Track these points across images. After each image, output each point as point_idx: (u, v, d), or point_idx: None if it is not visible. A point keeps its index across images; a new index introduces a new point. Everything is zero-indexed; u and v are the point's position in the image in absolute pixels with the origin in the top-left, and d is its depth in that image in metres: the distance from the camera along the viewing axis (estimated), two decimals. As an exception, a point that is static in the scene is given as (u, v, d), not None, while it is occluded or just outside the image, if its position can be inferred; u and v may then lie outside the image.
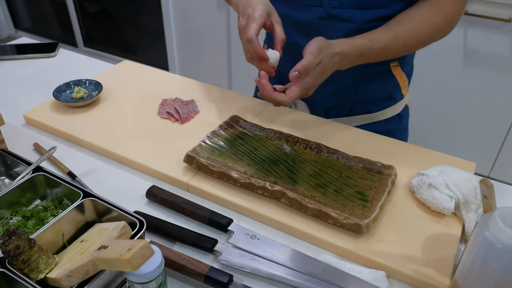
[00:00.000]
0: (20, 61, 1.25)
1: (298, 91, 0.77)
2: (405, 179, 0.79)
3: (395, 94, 1.00)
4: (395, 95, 1.01)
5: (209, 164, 0.78)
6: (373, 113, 1.01)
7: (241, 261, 0.65)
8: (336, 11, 0.87)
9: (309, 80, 0.77)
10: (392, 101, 1.01)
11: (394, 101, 1.01)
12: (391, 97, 1.00)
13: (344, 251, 0.67)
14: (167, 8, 2.66)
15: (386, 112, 1.01)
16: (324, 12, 0.88)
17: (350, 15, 0.86)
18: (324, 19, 0.88)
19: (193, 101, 1.01)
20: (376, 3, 0.85)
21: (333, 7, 0.86)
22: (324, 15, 0.88)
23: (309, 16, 0.89)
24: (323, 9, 0.87)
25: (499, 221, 0.50)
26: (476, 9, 1.76)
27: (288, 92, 0.78)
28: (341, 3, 0.86)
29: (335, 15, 0.87)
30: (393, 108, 1.02)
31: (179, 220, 0.74)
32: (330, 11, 0.87)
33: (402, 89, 1.01)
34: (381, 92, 0.98)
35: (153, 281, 0.54)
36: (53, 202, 0.71)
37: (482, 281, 0.54)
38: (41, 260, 0.56)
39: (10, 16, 3.74)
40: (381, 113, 1.01)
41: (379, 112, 1.01)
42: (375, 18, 0.86)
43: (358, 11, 0.86)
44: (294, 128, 0.93)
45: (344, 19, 0.87)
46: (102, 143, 0.88)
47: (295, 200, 0.71)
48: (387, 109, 1.01)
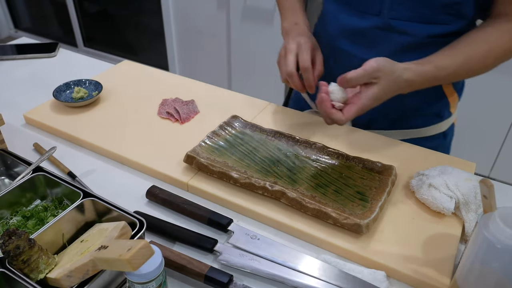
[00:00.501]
0: (20, 61, 1.25)
1: (355, 111, 0.73)
2: (405, 179, 0.79)
3: (443, 111, 0.96)
4: (443, 112, 0.96)
5: (209, 164, 0.78)
6: (418, 129, 0.96)
7: (241, 261, 0.65)
8: (395, 22, 0.82)
9: (367, 102, 0.73)
10: (439, 119, 0.96)
11: (441, 119, 0.96)
12: (439, 114, 0.96)
13: (344, 251, 0.67)
14: (167, 8, 2.66)
15: (431, 129, 0.97)
16: (381, 22, 0.83)
17: (409, 28, 0.82)
18: (381, 29, 0.84)
19: (193, 101, 1.01)
20: (440, 19, 0.80)
21: (392, 17, 0.82)
22: (381, 25, 0.83)
23: (365, 24, 0.85)
24: (381, 18, 0.83)
25: (499, 221, 0.50)
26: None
27: (346, 111, 0.74)
28: (401, 14, 0.81)
29: (393, 27, 0.83)
30: (439, 125, 0.97)
31: (179, 220, 0.74)
32: (388, 22, 0.82)
33: (451, 107, 0.96)
34: (429, 108, 0.94)
35: (153, 281, 0.54)
36: (53, 202, 0.71)
37: (482, 281, 0.54)
38: (41, 260, 0.56)
39: (10, 16, 3.74)
40: (426, 129, 0.96)
41: (424, 128, 0.96)
42: (436, 34, 0.82)
43: (419, 25, 0.81)
44: (294, 128, 0.92)
45: (401, 31, 0.83)
46: (102, 143, 0.88)
47: (295, 200, 0.71)
48: (433, 126, 0.96)
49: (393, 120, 0.96)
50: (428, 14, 0.80)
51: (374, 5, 0.83)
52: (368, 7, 0.84)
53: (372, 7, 0.83)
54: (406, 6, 0.80)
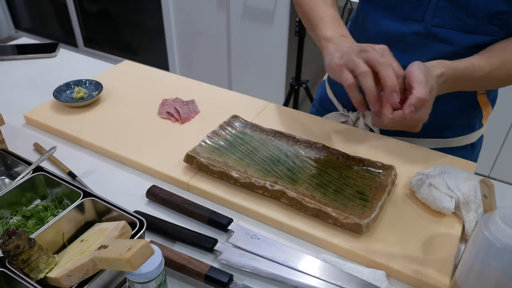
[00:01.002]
0: (20, 61, 1.25)
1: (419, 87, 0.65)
2: (405, 179, 0.79)
3: (474, 122, 0.93)
4: (475, 123, 0.93)
5: (209, 164, 0.78)
6: (446, 139, 0.93)
7: (241, 261, 0.65)
8: (437, 29, 0.80)
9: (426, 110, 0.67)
10: (470, 130, 0.93)
11: (472, 130, 0.94)
12: (470, 125, 0.93)
13: (344, 251, 0.67)
14: (167, 8, 2.66)
15: (460, 139, 0.93)
16: (423, 29, 0.81)
17: (450, 37, 0.79)
18: (421, 36, 0.81)
19: (193, 101, 1.01)
20: (484, 29, 0.78)
21: (435, 25, 0.80)
22: (422, 32, 0.81)
23: (405, 29, 0.82)
24: (423, 25, 0.81)
25: (499, 221, 0.50)
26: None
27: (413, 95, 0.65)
28: (445, 22, 0.79)
29: (434, 34, 0.80)
30: (468, 136, 0.94)
31: (179, 220, 0.74)
32: (430, 29, 0.80)
33: (484, 118, 0.94)
34: (461, 119, 0.91)
35: (153, 280, 0.54)
36: (53, 202, 0.71)
37: (482, 281, 0.54)
38: (41, 260, 0.56)
39: (10, 16, 3.74)
40: (455, 140, 0.93)
41: (453, 138, 0.93)
42: (477, 44, 0.79)
43: (461, 34, 0.79)
44: (294, 128, 0.93)
45: (443, 39, 0.80)
46: (102, 143, 0.88)
47: (295, 199, 0.71)
48: (463, 136, 0.93)
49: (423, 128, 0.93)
50: (473, 23, 0.78)
51: (418, 11, 0.81)
52: (411, 13, 0.81)
53: (415, 13, 0.81)
54: (451, 14, 0.78)
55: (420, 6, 0.80)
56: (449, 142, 0.93)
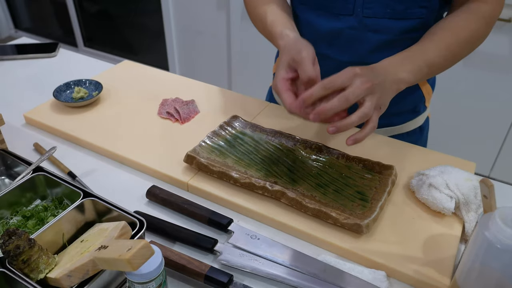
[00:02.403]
0: (20, 61, 1.25)
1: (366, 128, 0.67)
2: (405, 179, 0.79)
3: (419, 106, 0.97)
4: (419, 107, 0.98)
5: (209, 164, 0.78)
6: (396, 126, 0.97)
7: (241, 261, 0.65)
8: (369, 20, 0.82)
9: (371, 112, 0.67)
10: (416, 114, 0.98)
11: (418, 114, 0.98)
12: (416, 109, 0.97)
13: (344, 251, 0.67)
14: (167, 8, 2.66)
15: (409, 124, 0.98)
16: (356, 22, 0.83)
17: (383, 25, 0.82)
18: (355, 29, 0.84)
19: (193, 101, 1.01)
20: (412, 13, 0.81)
21: (366, 16, 0.82)
22: (355, 25, 0.83)
23: (339, 25, 0.85)
24: (355, 18, 0.83)
25: (499, 221, 0.50)
26: (476, 9, 1.76)
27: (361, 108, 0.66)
28: (374, 12, 0.82)
29: (367, 25, 0.83)
30: (415, 120, 0.99)
31: (179, 220, 0.74)
32: (362, 20, 0.83)
33: (426, 101, 0.98)
34: (406, 105, 0.95)
35: (153, 281, 0.54)
36: (53, 202, 0.71)
37: (482, 281, 0.54)
38: (41, 260, 0.56)
39: (10, 16, 3.74)
40: (404, 125, 0.98)
41: (402, 125, 0.98)
42: (408, 29, 0.82)
43: (392, 21, 0.82)
44: (294, 128, 0.92)
45: (376, 29, 0.83)
46: (102, 143, 0.88)
47: (295, 200, 0.71)
48: (410, 121, 0.98)
49: None
50: (401, 9, 0.80)
51: (347, 5, 0.82)
52: (341, 8, 0.83)
53: (345, 8, 0.83)
54: (379, 3, 0.80)
55: (349, 0, 0.82)
56: (399, 128, 0.97)
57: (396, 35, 0.83)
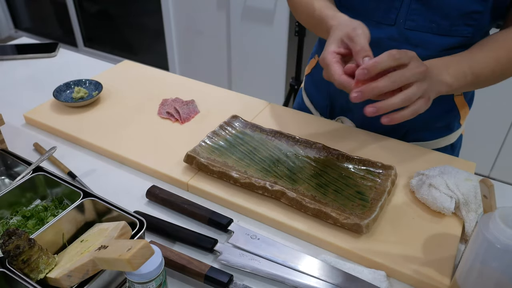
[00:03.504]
0: (20, 61, 1.25)
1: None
2: (405, 179, 0.79)
3: (453, 123, 0.93)
4: (453, 124, 0.93)
5: (209, 164, 0.78)
6: (426, 142, 0.93)
7: (241, 261, 0.65)
8: (411, 33, 0.79)
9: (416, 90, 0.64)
10: (449, 131, 0.94)
11: (451, 131, 0.94)
12: (449, 126, 0.93)
13: (344, 251, 0.67)
14: (167, 8, 2.66)
15: (440, 141, 0.94)
16: (396, 33, 0.80)
17: (424, 40, 0.78)
18: (395, 41, 0.80)
19: (193, 101, 1.01)
20: (458, 30, 0.77)
21: (408, 28, 0.79)
22: (396, 36, 0.80)
23: (380, 34, 0.80)
24: (396, 28, 0.79)
25: (499, 221, 0.50)
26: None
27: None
28: (418, 25, 0.78)
29: (408, 38, 0.79)
30: (448, 137, 0.94)
31: (179, 220, 0.74)
32: (404, 32, 0.79)
33: (461, 119, 0.94)
34: (440, 121, 0.91)
35: (153, 281, 0.54)
36: (53, 202, 0.71)
37: (482, 281, 0.54)
38: (41, 260, 0.56)
39: (10, 16, 3.74)
40: (435, 142, 0.94)
41: (433, 141, 0.93)
42: (451, 46, 0.78)
43: (435, 36, 0.78)
44: (294, 128, 0.92)
45: (416, 43, 0.79)
46: (102, 143, 0.88)
47: (295, 200, 0.71)
48: (442, 138, 0.94)
49: (402, 133, 0.92)
50: (446, 25, 0.77)
51: (390, 15, 0.79)
52: (384, 17, 0.80)
53: (387, 17, 0.80)
54: (423, 17, 0.77)
55: (392, 9, 0.79)
56: (429, 144, 0.93)
57: (437, 52, 0.79)
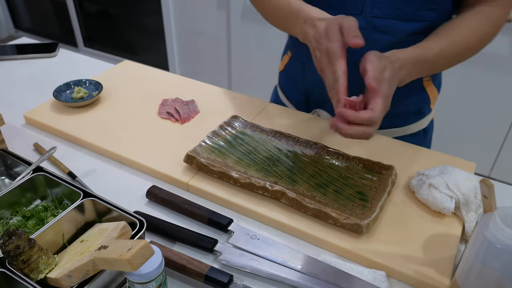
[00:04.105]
0: (20, 61, 1.25)
1: (381, 101, 0.66)
2: (405, 179, 0.79)
3: (424, 108, 0.97)
4: (424, 109, 0.97)
5: (209, 164, 0.78)
6: (399, 128, 0.96)
7: (241, 261, 0.65)
8: (378, 21, 0.82)
9: (385, 87, 0.68)
10: (421, 116, 0.97)
11: (422, 116, 0.98)
12: (420, 111, 0.97)
13: (344, 251, 0.67)
14: (167, 8, 2.66)
15: (413, 126, 0.98)
16: (364, 21, 0.82)
17: (391, 26, 0.82)
18: (363, 29, 0.78)
19: (193, 101, 1.01)
20: (422, 15, 0.80)
21: (374, 16, 0.81)
22: (364, 25, 0.82)
23: None
24: (363, 18, 0.82)
25: (499, 221, 0.50)
26: (476, 9, 1.76)
27: (373, 105, 0.66)
28: (383, 12, 0.81)
29: (375, 25, 0.82)
30: (420, 122, 0.98)
31: (179, 220, 0.74)
32: (371, 21, 0.82)
33: (431, 103, 0.97)
34: (411, 106, 0.94)
35: (153, 281, 0.54)
36: (53, 202, 0.71)
37: (482, 281, 0.54)
38: (41, 260, 0.56)
39: (10, 16, 3.74)
40: (408, 127, 0.97)
41: (406, 126, 0.97)
42: (416, 31, 0.82)
43: (401, 22, 0.81)
44: (294, 128, 0.92)
45: (383, 30, 0.82)
46: (102, 143, 0.88)
47: (295, 200, 0.71)
48: (414, 123, 0.97)
49: None
50: (411, 11, 0.80)
51: (357, 5, 0.82)
52: (350, 7, 0.82)
53: (354, 7, 0.82)
54: (388, 4, 0.80)
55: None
56: (402, 130, 0.97)
57: (404, 37, 0.82)
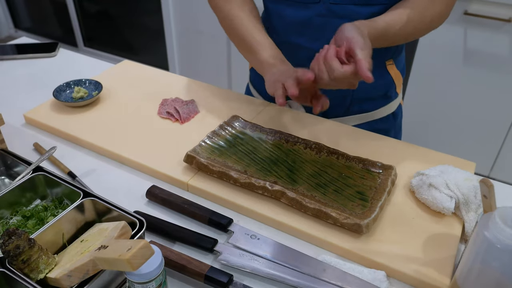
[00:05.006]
0: (20, 61, 1.25)
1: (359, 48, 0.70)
2: (405, 179, 0.79)
3: (390, 92, 1.01)
4: (391, 93, 1.01)
5: (209, 164, 0.78)
6: (369, 112, 1.01)
7: (241, 261, 0.65)
8: (336, 7, 0.86)
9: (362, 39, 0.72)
10: (388, 99, 1.02)
11: (390, 99, 1.02)
12: (387, 95, 1.01)
13: (344, 251, 0.67)
14: (167, 8, 2.66)
15: (382, 110, 1.02)
16: (323, 9, 0.86)
17: (349, 11, 0.86)
18: (323, 16, 0.87)
19: (193, 101, 1.01)
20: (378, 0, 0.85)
21: (332, 2, 0.85)
22: (323, 12, 0.87)
23: (307, 13, 0.88)
24: (322, 5, 0.86)
25: (499, 221, 0.50)
26: (476, 9, 1.77)
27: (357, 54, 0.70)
28: None
29: (335, 11, 0.86)
30: (388, 106, 1.02)
31: (179, 220, 0.74)
32: (329, 7, 0.86)
33: (397, 87, 1.02)
34: (377, 90, 0.99)
35: (153, 281, 0.54)
36: (53, 202, 0.71)
37: (482, 281, 0.54)
38: (41, 260, 0.56)
39: (10, 16, 3.73)
40: (377, 111, 1.01)
41: (375, 111, 1.01)
42: (374, 14, 0.85)
43: (358, 7, 0.85)
44: (294, 128, 0.93)
45: (342, 15, 0.86)
46: (102, 143, 0.88)
47: (295, 200, 0.71)
48: (383, 107, 1.02)
49: (346, 106, 0.99)
50: None
51: None
52: None
53: None
54: None
55: None
56: (371, 115, 1.01)
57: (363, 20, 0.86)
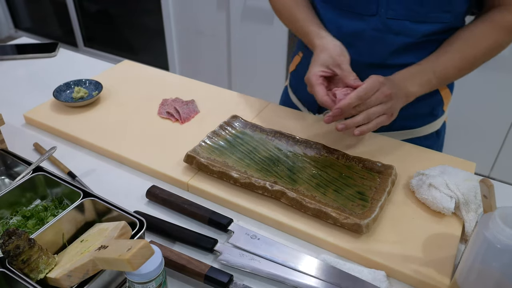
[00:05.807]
0: (20, 61, 1.25)
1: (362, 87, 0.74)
2: (405, 179, 0.79)
3: (437, 110, 0.97)
4: (437, 111, 0.97)
5: (209, 164, 0.78)
6: (413, 129, 0.97)
7: (241, 261, 0.65)
8: (392, 22, 0.82)
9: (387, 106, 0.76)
10: (434, 118, 0.97)
11: (435, 117, 0.98)
12: (433, 113, 0.97)
13: (344, 251, 0.67)
14: (167, 8, 2.66)
15: (426, 128, 0.98)
16: (379, 23, 0.83)
17: (405, 28, 0.83)
18: (378, 31, 0.84)
19: (193, 101, 1.01)
20: (435, 17, 0.81)
21: (389, 17, 0.82)
22: (379, 26, 0.83)
23: (362, 26, 0.85)
24: (379, 18, 0.83)
25: (499, 221, 0.50)
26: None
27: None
28: (397, 14, 0.81)
29: (390, 27, 0.83)
30: (433, 124, 0.98)
31: (179, 220, 0.74)
32: (386, 22, 0.83)
33: (445, 105, 0.98)
34: (424, 108, 0.94)
35: (153, 281, 0.54)
36: (53, 202, 0.71)
37: (482, 281, 0.54)
38: (41, 260, 0.56)
39: (10, 16, 3.74)
40: (421, 129, 0.97)
41: (419, 128, 0.97)
42: (431, 32, 0.83)
43: (414, 24, 0.82)
44: (294, 128, 0.92)
45: (397, 32, 0.83)
46: (102, 143, 0.88)
47: (295, 200, 0.71)
48: (427, 125, 0.98)
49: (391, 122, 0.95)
50: (423, 12, 0.81)
51: (371, 5, 0.82)
52: (365, 9, 0.83)
53: (368, 8, 0.83)
54: (402, 5, 0.81)
55: (373, 0, 0.82)
56: (415, 132, 0.98)
57: (418, 38, 0.83)
